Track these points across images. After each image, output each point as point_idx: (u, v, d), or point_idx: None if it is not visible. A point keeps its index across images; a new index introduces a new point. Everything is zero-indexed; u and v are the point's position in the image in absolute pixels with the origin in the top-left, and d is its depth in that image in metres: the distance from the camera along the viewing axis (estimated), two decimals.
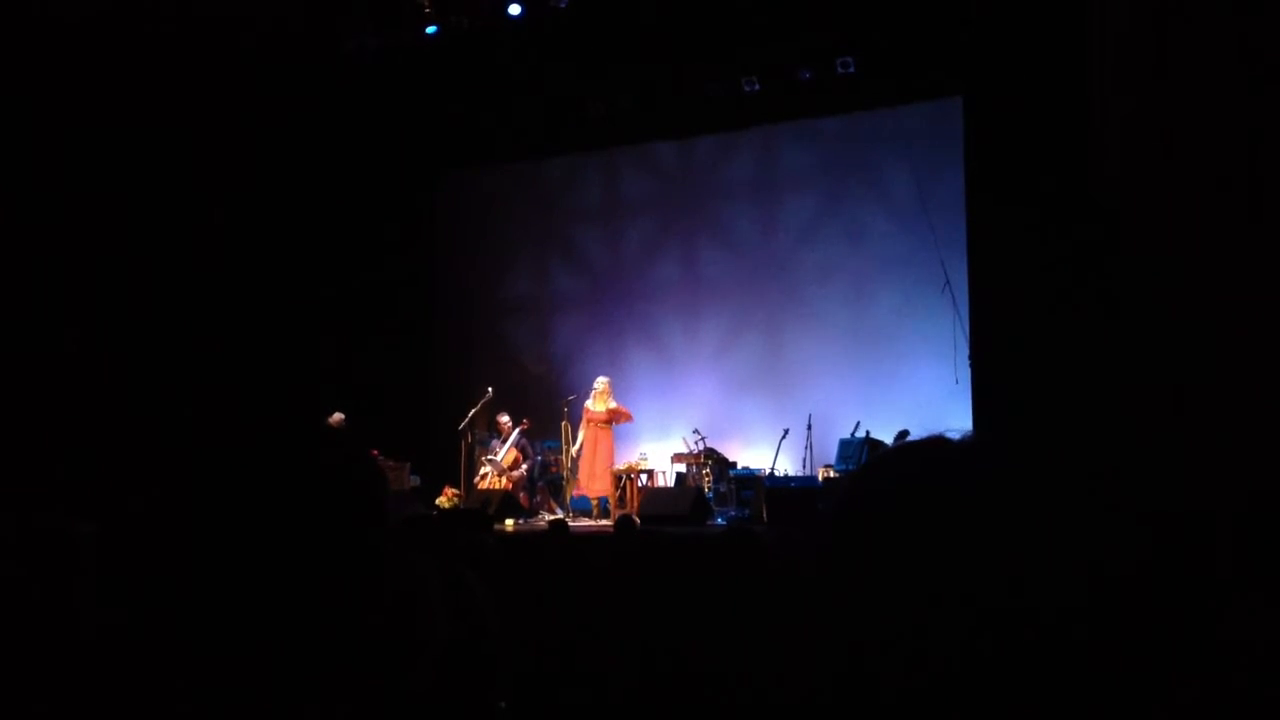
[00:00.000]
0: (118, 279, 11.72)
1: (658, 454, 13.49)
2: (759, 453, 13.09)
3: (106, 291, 11.61)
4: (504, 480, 13.10)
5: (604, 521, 12.13)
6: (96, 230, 11.58)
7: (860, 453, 11.63)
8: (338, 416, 12.29)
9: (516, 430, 13.34)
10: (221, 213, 12.63)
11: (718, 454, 12.95)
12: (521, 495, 13.16)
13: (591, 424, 12.92)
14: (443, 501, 12.77)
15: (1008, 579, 1.03)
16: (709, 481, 12.65)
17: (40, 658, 1.83)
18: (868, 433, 11.99)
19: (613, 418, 12.89)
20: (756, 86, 13.36)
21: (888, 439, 11.49)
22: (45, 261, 11.23)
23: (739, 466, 12.94)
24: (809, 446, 12.73)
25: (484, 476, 13.28)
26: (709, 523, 11.38)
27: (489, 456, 13.35)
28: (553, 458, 13.99)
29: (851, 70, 12.80)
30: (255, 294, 13.01)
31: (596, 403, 12.93)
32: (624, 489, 12.49)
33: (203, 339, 12.22)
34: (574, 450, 13.17)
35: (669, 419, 13.84)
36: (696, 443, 12.94)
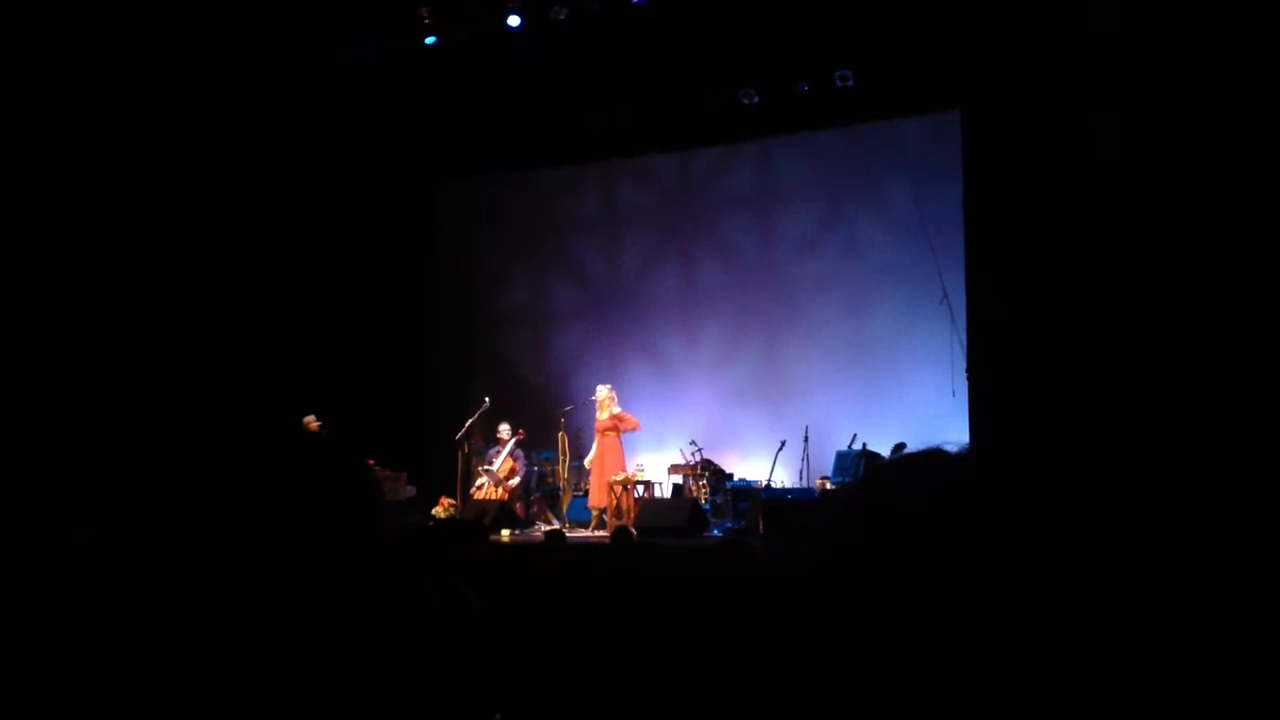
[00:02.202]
0: (115, 286, 11.71)
1: (655, 465, 13.48)
2: (756, 464, 13.08)
3: (104, 298, 11.61)
4: (500, 491, 13.08)
5: (601, 532, 12.12)
6: (95, 237, 11.58)
7: (857, 465, 11.62)
8: (310, 419, 12.24)
9: (513, 441, 13.32)
10: (219, 220, 12.63)
11: (715, 465, 12.94)
12: (518, 506, 13.15)
13: (598, 433, 12.91)
14: (439, 511, 12.75)
15: (1002, 587, 1.03)
16: (706, 493, 12.63)
17: (39, 661, 1.83)
18: (864, 445, 11.99)
19: (616, 424, 12.85)
20: (755, 99, 13.38)
21: (884, 451, 11.48)
22: (44, 266, 11.23)
23: (736, 478, 12.93)
24: (806, 458, 12.73)
25: (480, 487, 13.26)
26: (705, 534, 11.37)
27: (485, 466, 13.34)
28: (549, 468, 13.98)
29: (850, 83, 12.82)
30: (252, 303, 13.01)
31: (600, 411, 12.92)
32: (621, 500, 12.46)
33: (199, 347, 12.22)
34: (587, 462, 13.15)
35: (666, 430, 13.83)
36: (693, 454, 12.92)
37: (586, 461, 13.17)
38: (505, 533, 11.98)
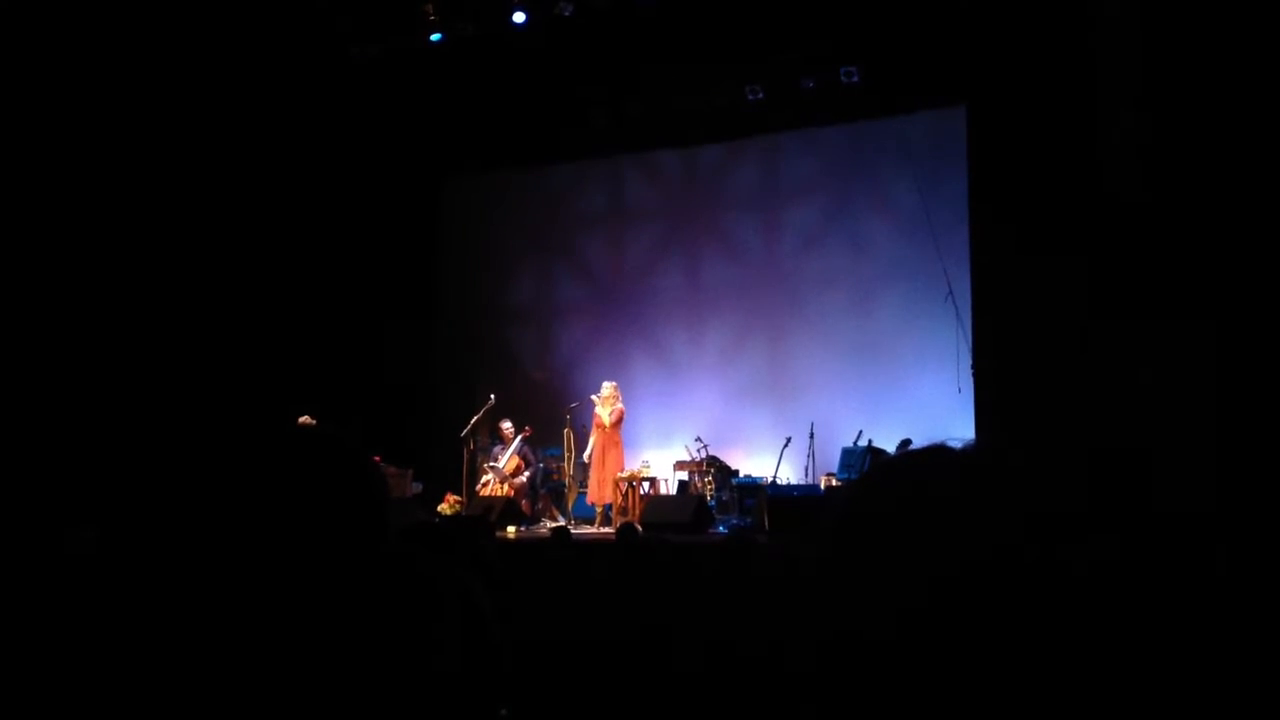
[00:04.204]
0: (120, 282, 11.73)
1: (660, 462, 13.48)
2: (761, 461, 13.07)
3: (108, 295, 11.63)
4: (506, 487, 13.08)
5: (606, 529, 12.12)
6: (99, 234, 11.60)
7: (863, 461, 11.62)
8: (305, 420, 12.20)
9: (519, 437, 13.33)
10: (225, 217, 12.65)
11: (720, 462, 12.94)
12: (523, 502, 13.16)
13: (599, 430, 12.88)
14: (445, 508, 12.75)
15: (1005, 581, 1.03)
16: (711, 489, 12.63)
17: (43, 661, 1.84)
18: (870, 441, 11.98)
19: (619, 420, 12.82)
20: (760, 95, 13.37)
21: (890, 447, 11.47)
22: (47, 264, 11.25)
23: (741, 475, 12.93)
24: (811, 455, 12.72)
25: (486, 484, 13.27)
26: (711, 531, 11.37)
27: (491, 463, 13.35)
28: (555, 465, 13.99)
29: (855, 79, 12.82)
30: (259, 299, 13.03)
31: (601, 407, 12.89)
32: (626, 496, 12.47)
33: (206, 343, 12.24)
34: (585, 455, 13.15)
35: (671, 427, 13.84)
36: (699, 450, 12.92)
37: (585, 456, 13.17)
38: (511, 529, 11.99)
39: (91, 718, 1.73)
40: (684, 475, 13.18)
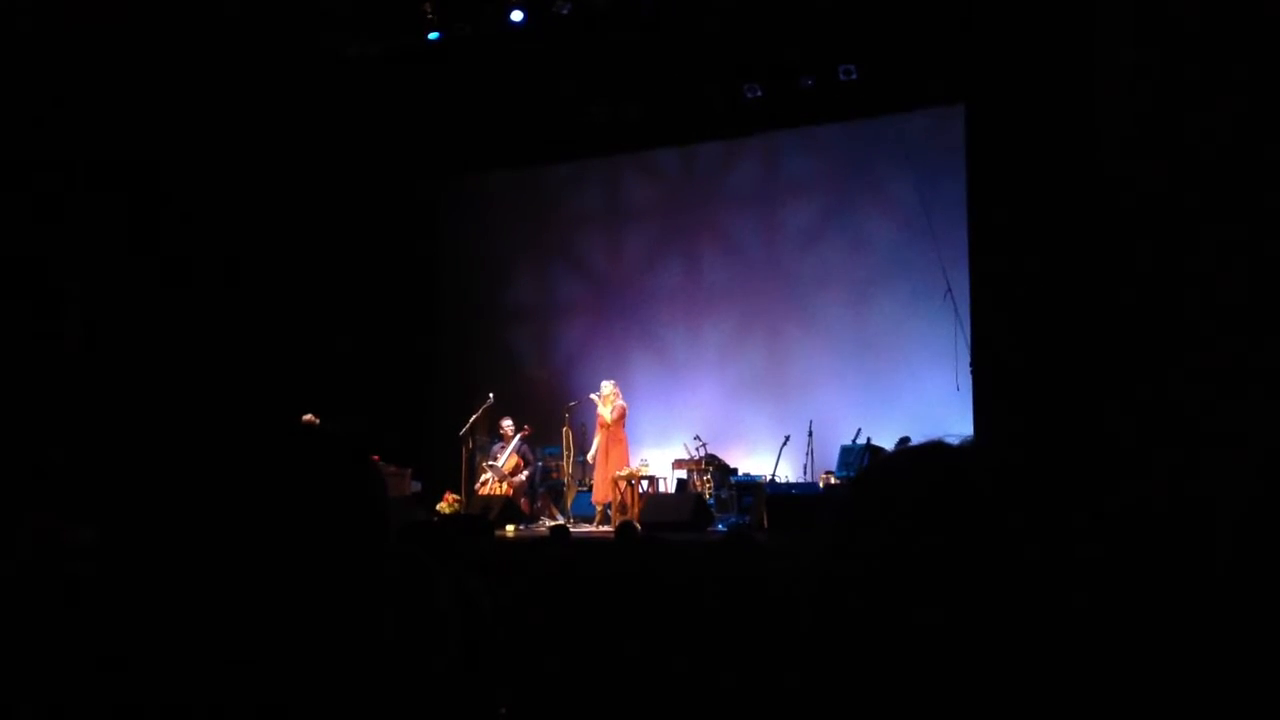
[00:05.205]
0: (119, 281, 11.73)
1: (659, 460, 13.48)
2: (760, 459, 13.08)
3: (107, 294, 11.63)
4: (505, 486, 13.09)
5: (605, 528, 12.12)
6: (98, 233, 11.60)
7: (861, 459, 11.62)
8: (309, 418, 12.18)
9: (518, 436, 13.34)
10: (222, 216, 12.64)
11: (719, 460, 12.94)
12: (522, 501, 13.16)
13: (602, 429, 12.88)
14: (444, 507, 12.76)
15: (1002, 579, 1.03)
16: (710, 488, 12.64)
17: (40, 663, 1.84)
18: (869, 439, 11.98)
19: (622, 418, 12.82)
20: (759, 93, 13.37)
21: (889, 445, 11.46)
22: (45, 263, 11.24)
23: (740, 473, 12.93)
24: (810, 453, 12.73)
25: (485, 482, 13.27)
26: (710, 529, 11.38)
27: (490, 462, 13.35)
28: (554, 464, 13.99)
29: (854, 77, 12.81)
30: (257, 299, 13.02)
31: (603, 406, 12.89)
32: (625, 495, 12.47)
33: (204, 343, 12.23)
34: (589, 455, 13.15)
35: (670, 425, 13.84)
36: (698, 449, 12.92)
37: (589, 456, 13.18)
38: (510, 528, 11.99)
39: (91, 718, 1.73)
40: (683, 474, 13.19)
